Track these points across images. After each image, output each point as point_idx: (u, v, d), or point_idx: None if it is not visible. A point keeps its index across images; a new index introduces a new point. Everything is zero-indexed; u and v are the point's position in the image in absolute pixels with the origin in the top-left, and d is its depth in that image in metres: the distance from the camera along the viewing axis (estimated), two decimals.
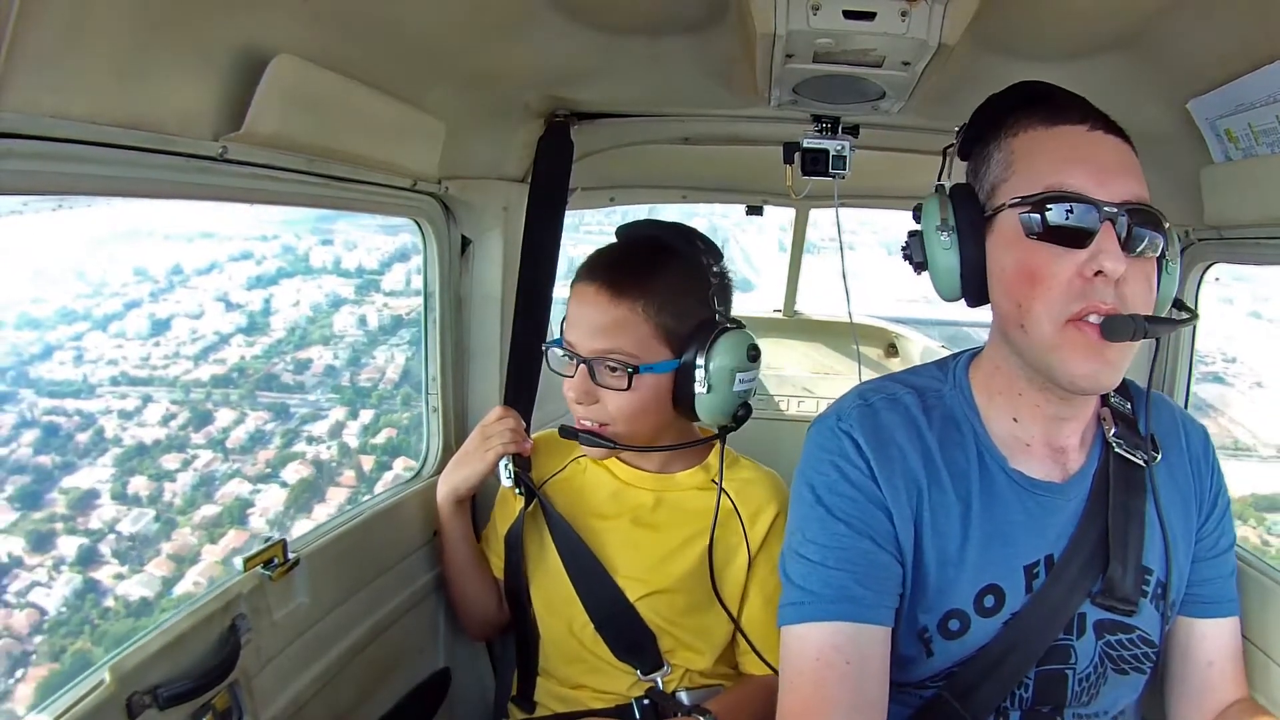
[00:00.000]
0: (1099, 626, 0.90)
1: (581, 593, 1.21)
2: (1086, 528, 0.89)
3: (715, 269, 1.22)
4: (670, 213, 2.33)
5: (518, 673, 1.34)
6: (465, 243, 1.51)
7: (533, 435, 1.34)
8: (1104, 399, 0.95)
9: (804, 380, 2.54)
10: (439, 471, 1.41)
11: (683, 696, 1.22)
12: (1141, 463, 0.92)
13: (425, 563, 1.42)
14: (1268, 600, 1.04)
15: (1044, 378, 0.85)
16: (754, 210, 2.29)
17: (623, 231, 1.27)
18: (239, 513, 6.07)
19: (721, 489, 1.21)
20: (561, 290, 1.48)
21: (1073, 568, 0.88)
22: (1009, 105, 0.87)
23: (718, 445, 1.27)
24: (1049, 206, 0.80)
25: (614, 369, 1.16)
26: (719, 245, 1.25)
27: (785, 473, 1.28)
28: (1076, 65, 1.08)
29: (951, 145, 0.94)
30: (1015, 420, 0.90)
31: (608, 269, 1.18)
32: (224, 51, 0.84)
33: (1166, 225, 0.82)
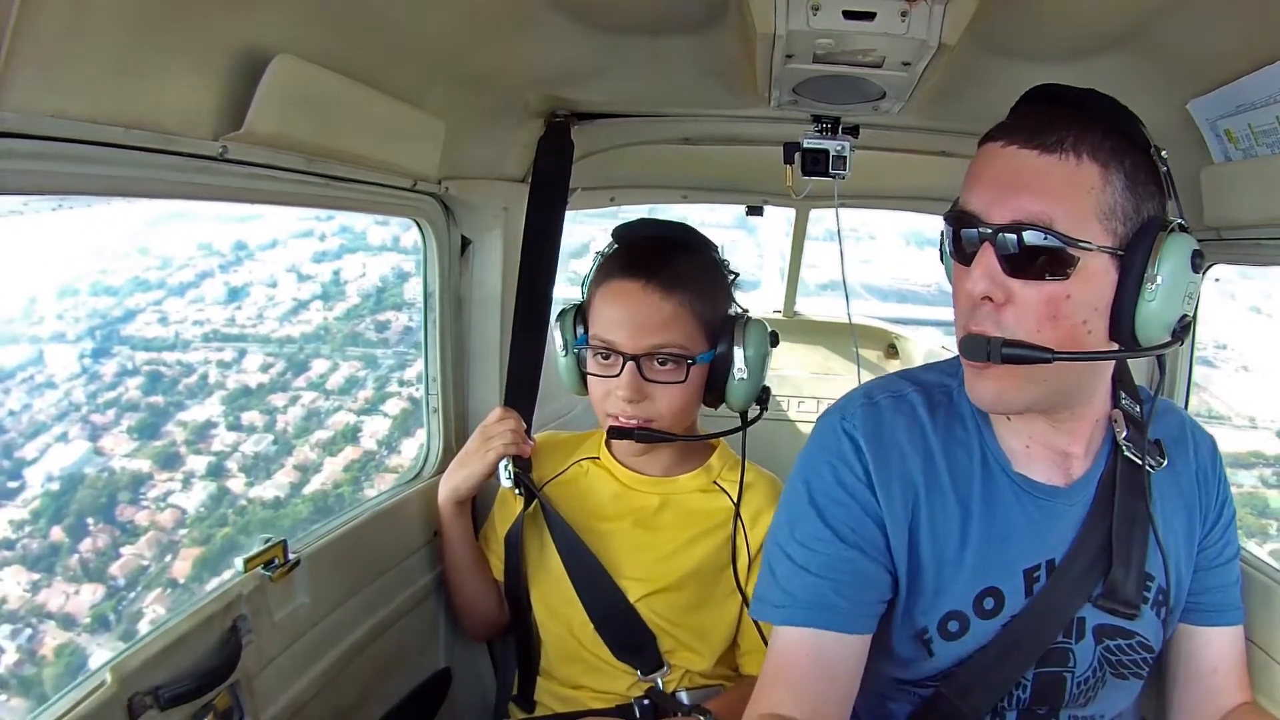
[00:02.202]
0: (1099, 631, 0.90)
1: (581, 593, 1.21)
2: (1090, 531, 0.89)
3: (724, 262, 1.27)
4: (678, 207, 2.34)
5: (518, 673, 1.34)
6: (465, 243, 1.51)
7: (534, 436, 1.34)
8: (1115, 400, 0.93)
9: (803, 381, 2.54)
10: (439, 472, 1.41)
11: (683, 697, 1.22)
12: (1149, 468, 0.91)
13: (425, 563, 1.41)
14: (1271, 602, 1.04)
15: None
16: (754, 210, 2.29)
17: (624, 232, 1.27)
18: (351, 435, 6.80)
19: (733, 483, 1.23)
20: (561, 290, 1.49)
21: (1074, 570, 0.88)
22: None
23: (719, 448, 1.29)
24: (949, 224, 0.83)
25: (666, 363, 1.17)
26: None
27: (784, 473, 1.27)
28: (1076, 65, 1.08)
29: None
30: (1010, 420, 0.90)
31: (649, 264, 1.18)
32: (224, 51, 0.84)
33: (1152, 240, 0.77)
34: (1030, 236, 0.76)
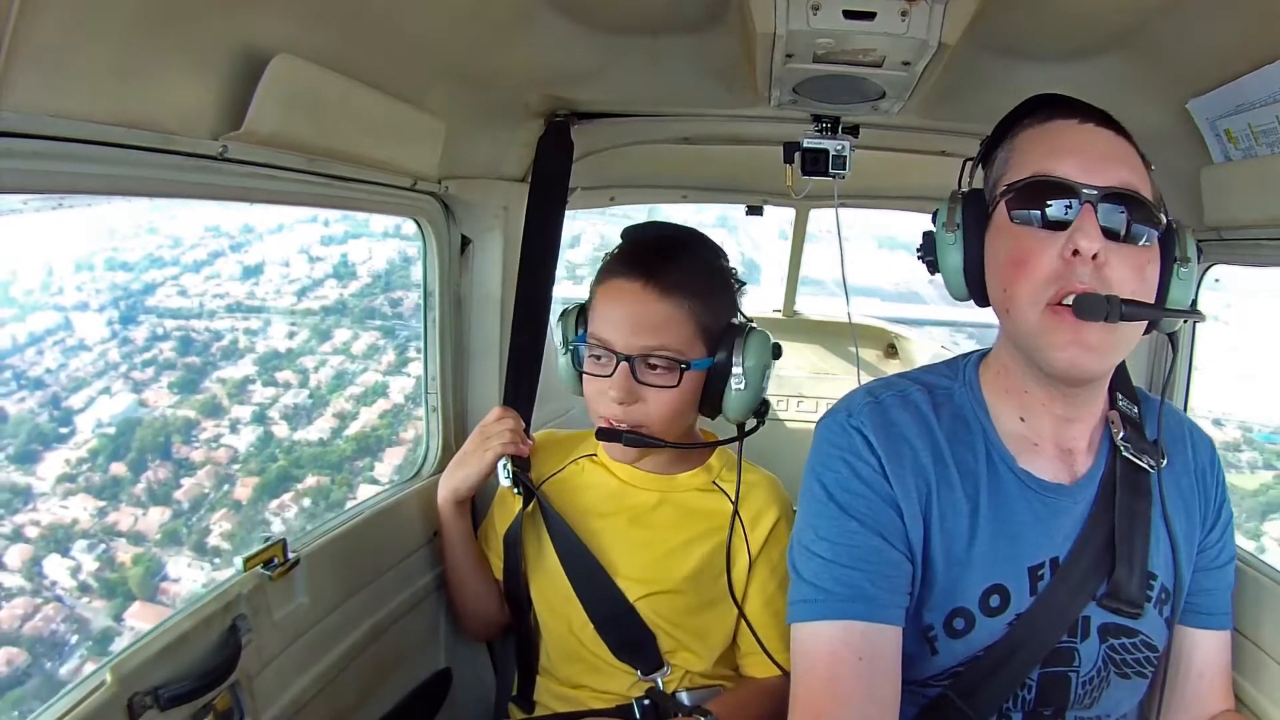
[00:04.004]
0: (1103, 630, 0.90)
1: (580, 592, 1.21)
2: (1092, 530, 0.89)
3: (731, 270, 1.25)
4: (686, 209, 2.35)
5: (518, 673, 1.34)
6: (465, 242, 1.51)
7: (533, 435, 1.34)
8: (1111, 401, 0.94)
9: (802, 381, 2.54)
10: (439, 471, 1.41)
11: (683, 697, 1.22)
12: (1148, 467, 0.92)
13: (425, 563, 1.41)
14: (1263, 596, 1.05)
15: (1034, 366, 0.86)
16: (754, 210, 2.29)
17: (635, 232, 1.26)
18: (381, 390, 7.35)
19: (735, 491, 1.22)
20: (561, 290, 1.49)
21: (1078, 570, 0.88)
22: (1020, 113, 0.89)
23: (719, 449, 1.28)
24: (1032, 191, 0.82)
25: (657, 367, 1.15)
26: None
27: (783, 474, 1.28)
28: (1076, 65, 1.08)
29: (970, 158, 0.95)
30: (1023, 420, 0.91)
31: (650, 265, 1.16)
32: (224, 51, 0.84)
33: (1173, 226, 0.83)
34: (1131, 202, 0.81)
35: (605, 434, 1.19)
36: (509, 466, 1.28)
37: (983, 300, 0.90)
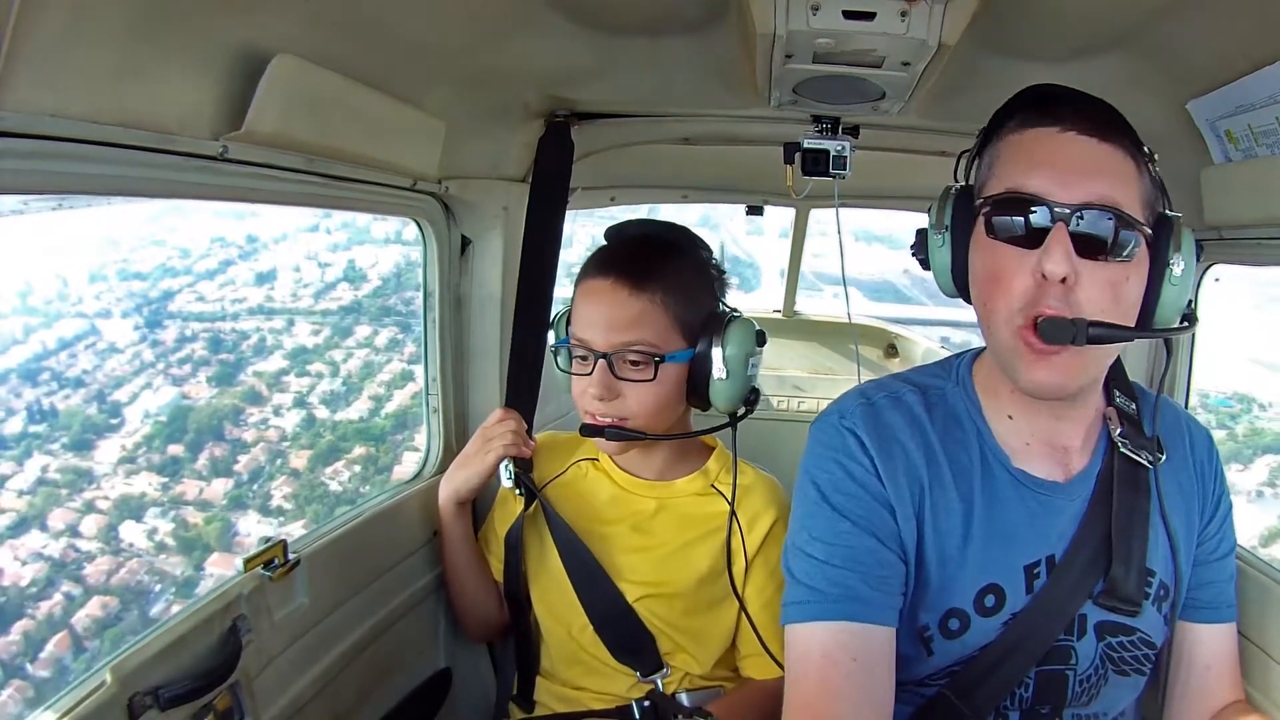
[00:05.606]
0: (1100, 628, 0.90)
1: (581, 594, 1.21)
2: (1089, 528, 0.89)
3: (713, 261, 1.26)
4: (668, 208, 2.35)
5: (518, 673, 1.34)
6: (465, 242, 1.51)
7: (534, 436, 1.34)
8: (1108, 398, 0.94)
9: (802, 380, 2.54)
10: (439, 472, 1.41)
11: (683, 698, 1.22)
12: (1146, 463, 0.91)
13: (425, 563, 1.41)
14: (1266, 598, 1.04)
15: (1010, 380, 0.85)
16: (754, 210, 2.30)
17: (614, 231, 1.27)
18: (409, 375, 8.06)
19: (731, 487, 1.21)
20: (562, 290, 1.49)
21: (1075, 568, 0.88)
22: (1010, 109, 0.87)
23: (717, 451, 1.28)
24: (1005, 206, 0.81)
25: (636, 361, 1.15)
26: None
27: (783, 473, 1.28)
28: (1076, 65, 1.08)
29: (966, 151, 0.94)
30: (1011, 418, 0.91)
31: (623, 263, 1.18)
32: (224, 51, 0.84)
33: (1168, 226, 0.82)
34: (1107, 217, 0.79)
35: (588, 430, 1.19)
36: (511, 468, 1.28)
37: (970, 300, 0.89)
